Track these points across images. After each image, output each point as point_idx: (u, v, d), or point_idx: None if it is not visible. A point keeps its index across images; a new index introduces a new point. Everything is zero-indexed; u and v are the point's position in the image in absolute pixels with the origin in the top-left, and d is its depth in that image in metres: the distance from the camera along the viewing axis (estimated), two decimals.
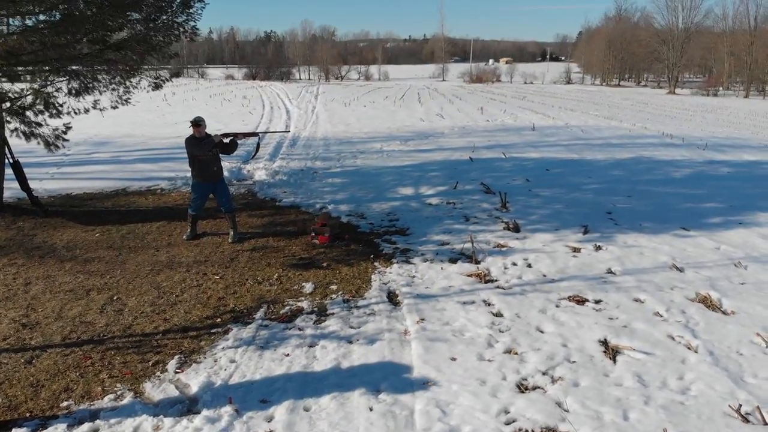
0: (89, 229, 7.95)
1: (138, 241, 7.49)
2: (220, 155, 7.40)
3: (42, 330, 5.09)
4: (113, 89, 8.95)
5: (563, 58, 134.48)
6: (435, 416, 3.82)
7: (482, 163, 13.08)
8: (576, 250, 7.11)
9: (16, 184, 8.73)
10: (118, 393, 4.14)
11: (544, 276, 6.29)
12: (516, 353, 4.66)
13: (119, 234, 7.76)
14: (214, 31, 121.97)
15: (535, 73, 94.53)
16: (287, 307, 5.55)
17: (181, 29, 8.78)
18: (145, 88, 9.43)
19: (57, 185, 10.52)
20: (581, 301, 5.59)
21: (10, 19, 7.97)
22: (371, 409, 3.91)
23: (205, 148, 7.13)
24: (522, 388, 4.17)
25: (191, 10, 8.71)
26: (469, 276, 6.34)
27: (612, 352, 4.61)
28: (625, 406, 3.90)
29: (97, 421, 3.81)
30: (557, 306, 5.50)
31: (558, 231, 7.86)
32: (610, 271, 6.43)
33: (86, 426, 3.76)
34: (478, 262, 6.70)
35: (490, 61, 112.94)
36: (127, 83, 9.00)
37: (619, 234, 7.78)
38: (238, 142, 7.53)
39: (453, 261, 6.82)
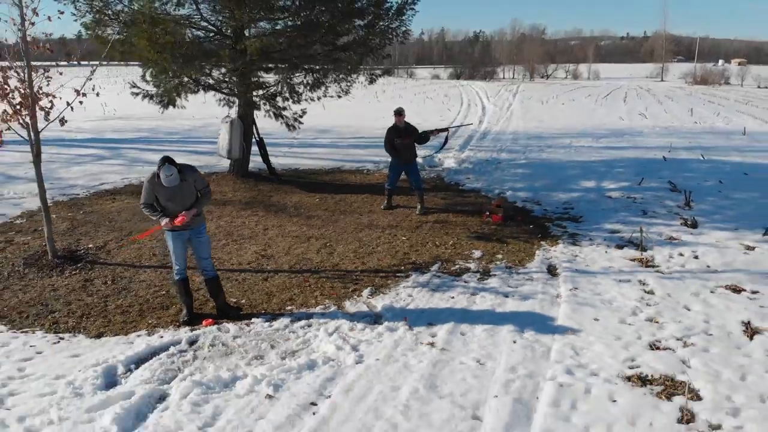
0: (311, 195, 9.95)
1: (347, 207, 9.23)
2: (415, 144, 8.76)
3: (275, 260, 6.90)
4: (338, 83, 10.90)
5: None
6: (567, 354, 4.58)
7: (676, 164, 12.68)
8: (750, 248, 7.02)
9: (259, 158, 11.20)
10: (326, 305, 5.63)
11: (708, 267, 6.45)
12: (657, 322, 5.13)
13: (333, 200, 9.60)
14: (426, 33, 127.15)
15: None
16: (457, 266, 6.65)
17: (394, 33, 10.37)
18: (362, 82, 11.25)
19: (288, 161, 13.00)
20: (737, 290, 5.73)
21: (261, 23, 10.31)
22: (515, 342, 4.81)
23: (402, 134, 8.54)
24: (653, 347, 4.69)
25: (403, 17, 10.25)
26: (631, 260, 6.75)
27: (751, 332, 4.84)
28: (746, 371, 4.23)
29: (311, 320, 5.31)
30: (711, 292, 5.74)
31: (737, 231, 7.72)
32: None
33: (303, 321, 5.27)
34: (644, 250, 7.03)
35: (720, 61, 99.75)
36: (349, 79, 10.87)
37: None
38: (431, 137, 8.84)
39: (619, 247, 7.24)
